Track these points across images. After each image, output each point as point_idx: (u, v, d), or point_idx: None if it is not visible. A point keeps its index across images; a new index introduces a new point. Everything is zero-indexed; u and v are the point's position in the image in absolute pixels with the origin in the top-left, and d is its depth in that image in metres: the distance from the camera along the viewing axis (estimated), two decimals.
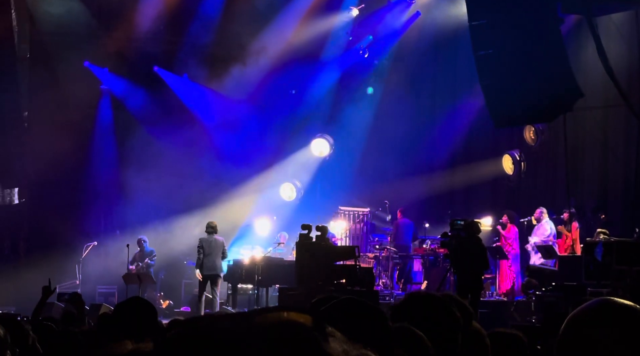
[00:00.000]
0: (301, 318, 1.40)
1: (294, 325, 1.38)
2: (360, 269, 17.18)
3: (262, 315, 1.39)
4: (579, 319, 2.03)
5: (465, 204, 25.30)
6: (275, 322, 1.38)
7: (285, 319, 1.38)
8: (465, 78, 23.49)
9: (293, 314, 1.40)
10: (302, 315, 1.40)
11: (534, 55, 17.02)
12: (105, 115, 26.81)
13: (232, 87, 25.84)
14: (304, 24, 25.43)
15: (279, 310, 1.40)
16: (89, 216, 26.21)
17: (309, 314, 1.41)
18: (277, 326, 1.37)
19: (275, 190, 26.11)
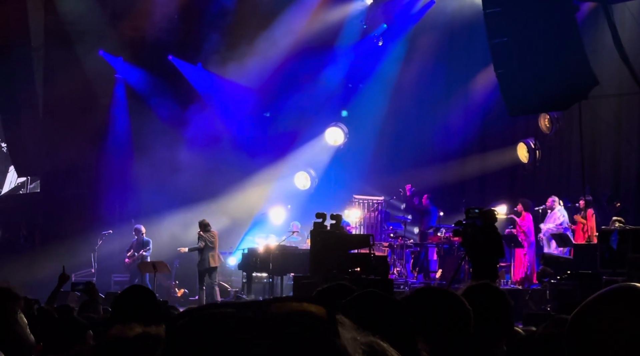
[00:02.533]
0: (314, 308, 1.40)
1: (307, 315, 1.38)
2: (374, 258, 17.14)
3: (276, 304, 1.39)
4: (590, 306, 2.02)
5: (480, 193, 25.24)
6: (289, 312, 1.38)
7: (299, 309, 1.39)
8: (480, 66, 23.43)
9: (306, 304, 1.40)
10: (315, 305, 1.41)
11: (549, 43, 16.95)
12: (119, 104, 26.86)
13: (247, 75, 25.84)
14: (318, 12, 25.40)
15: (293, 300, 1.41)
16: (103, 205, 26.29)
17: (322, 304, 1.41)
18: (291, 316, 1.37)
19: (289, 179, 26.14)
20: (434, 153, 25.56)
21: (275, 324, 1.35)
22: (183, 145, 25.64)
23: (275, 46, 25.41)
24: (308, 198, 25.54)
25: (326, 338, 1.37)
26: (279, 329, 1.35)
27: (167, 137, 25.65)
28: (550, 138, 24.07)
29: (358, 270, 16.87)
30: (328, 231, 17.40)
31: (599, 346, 1.96)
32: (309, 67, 25.74)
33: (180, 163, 25.12)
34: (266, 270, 20.50)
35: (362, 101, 26.05)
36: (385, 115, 25.81)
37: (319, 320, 1.38)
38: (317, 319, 1.38)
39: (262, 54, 25.42)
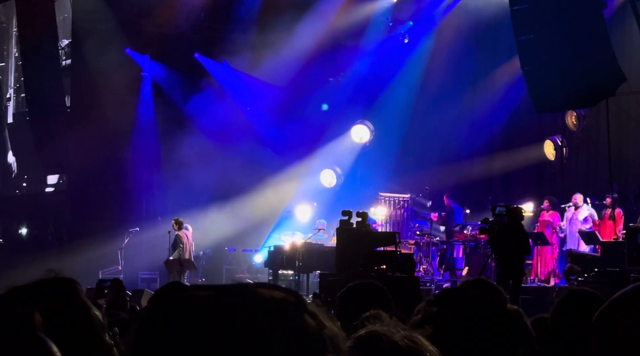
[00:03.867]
0: (284, 295, 1.45)
1: (277, 301, 1.43)
2: (400, 255, 17.14)
3: (250, 290, 1.44)
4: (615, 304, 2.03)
5: (506, 190, 25.18)
6: (261, 297, 1.42)
7: (270, 295, 1.43)
8: (506, 63, 23.36)
9: (276, 291, 1.45)
10: (285, 292, 1.46)
11: (576, 40, 16.89)
12: (146, 102, 26.96)
13: (273, 73, 25.87)
14: (344, 9, 25.39)
15: (265, 286, 1.46)
16: (130, 202, 26.39)
17: (290, 292, 1.46)
18: (263, 301, 1.42)
19: (315, 176, 26.15)
20: (460, 150, 25.50)
21: (247, 309, 1.39)
22: (209, 142, 25.70)
23: (302, 43, 25.41)
24: (334, 196, 25.53)
25: (294, 324, 1.41)
26: (250, 314, 1.39)
27: (193, 135, 25.72)
28: (577, 135, 23.97)
29: (384, 268, 16.87)
30: (354, 228, 17.41)
31: (623, 344, 1.96)
32: (335, 65, 25.75)
33: (207, 160, 25.17)
34: (292, 268, 20.54)
35: (388, 98, 26.02)
36: (411, 112, 25.77)
37: (289, 305, 1.43)
38: (286, 304, 1.43)
39: (289, 51, 25.43)
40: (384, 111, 25.95)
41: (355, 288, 5.14)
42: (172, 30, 26.45)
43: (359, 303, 3.78)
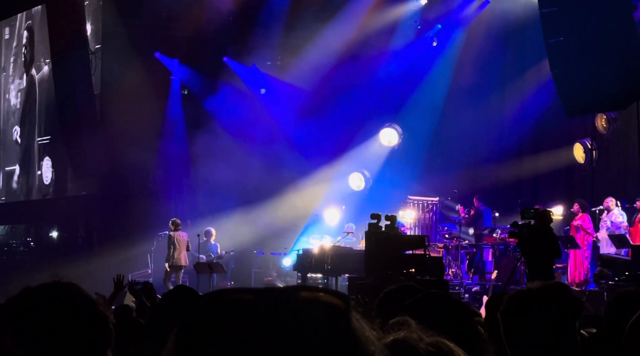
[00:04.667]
0: (330, 299, 1.44)
1: (322, 304, 1.42)
2: (429, 259, 17.09)
3: (293, 293, 1.44)
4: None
5: (535, 193, 25.06)
6: (305, 300, 1.42)
7: (314, 298, 1.42)
8: (535, 66, 23.26)
9: (322, 294, 1.45)
10: (331, 296, 1.45)
11: (606, 43, 16.80)
12: (175, 105, 27.08)
13: (301, 77, 25.90)
14: (372, 13, 25.38)
15: (310, 289, 1.45)
16: (160, 206, 26.47)
17: (337, 295, 1.45)
18: (307, 305, 1.41)
19: (344, 180, 26.14)
20: (489, 153, 25.40)
21: (291, 312, 1.39)
22: (238, 146, 25.77)
23: (330, 47, 25.42)
24: (362, 199, 25.52)
25: (341, 327, 1.40)
26: (294, 317, 1.39)
27: (222, 139, 25.79)
28: (607, 138, 23.81)
29: (413, 271, 16.83)
30: (383, 232, 17.40)
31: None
32: (363, 68, 25.73)
33: (236, 164, 25.24)
34: (321, 271, 20.52)
35: (416, 101, 25.97)
36: (439, 115, 25.72)
37: (335, 309, 1.42)
38: (332, 308, 1.42)
39: (317, 54, 25.46)
40: (413, 114, 25.90)
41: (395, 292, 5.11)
42: (201, 34, 26.56)
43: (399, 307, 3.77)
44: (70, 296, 2.42)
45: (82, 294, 2.46)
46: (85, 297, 2.44)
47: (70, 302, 2.40)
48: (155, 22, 26.68)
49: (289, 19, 25.94)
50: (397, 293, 4.96)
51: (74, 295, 2.43)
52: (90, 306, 2.42)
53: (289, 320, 1.38)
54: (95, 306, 2.41)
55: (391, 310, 4.43)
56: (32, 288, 2.47)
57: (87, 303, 2.41)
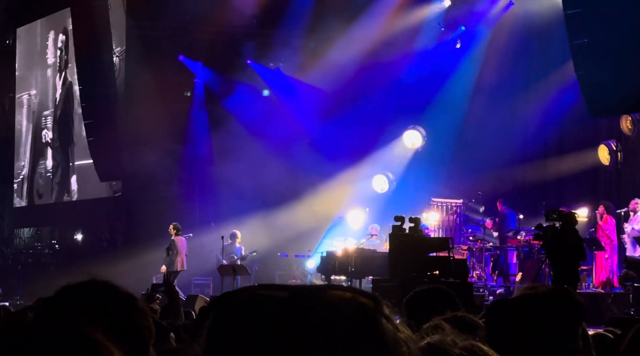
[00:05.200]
0: (362, 299, 1.45)
1: (355, 304, 1.42)
2: (453, 261, 17.07)
3: (326, 292, 1.44)
4: None
5: (560, 195, 24.93)
6: (338, 300, 1.42)
7: (347, 297, 1.43)
8: (560, 67, 23.17)
9: (355, 294, 1.45)
10: (364, 296, 1.45)
11: (631, 44, 16.71)
12: (199, 108, 27.16)
13: (324, 79, 25.91)
14: (396, 15, 25.36)
15: (343, 289, 1.46)
16: (183, 208, 26.55)
17: (369, 296, 1.46)
18: (340, 304, 1.42)
19: (367, 182, 26.13)
20: (513, 155, 25.31)
21: (323, 311, 1.40)
22: (261, 148, 25.81)
23: (353, 49, 25.42)
24: (386, 201, 25.49)
25: (371, 327, 1.41)
26: (326, 315, 1.39)
27: (245, 141, 25.85)
28: (632, 140, 23.67)
29: (437, 273, 16.81)
30: (407, 234, 17.37)
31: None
32: (386, 70, 25.70)
33: (259, 167, 25.29)
34: (345, 273, 20.51)
35: (440, 103, 25.91)
36: (463, 117, 25.65)
37: (365, 310, 1.42)
38: (363, 308, 1.43)
39: (340, 56, 25.45)
40: (436, 116, 25.84)
41: (423, 294, 5.10)
42: (224, 37, 26.64)
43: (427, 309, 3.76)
44: (110, 292, 2.43)
45: (121, 290, 2.48)
46: (124, 293, 2.46)
47: (111, 298, 2.41)
48: (179, 26, 26.78)
49: (311, 21, 25.96)
50: (425, 295, 4.96)
51: (114, 291, 2.45)
52: (130, 301, 2.43)
53: (321, 319, 1.38)
54: (135, 302, 2.42)
55: (419, 312, 4.43)
56: (71, 286, 2.48)
57: (128, 299, 2.43)
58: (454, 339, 1.46)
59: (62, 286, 2.50)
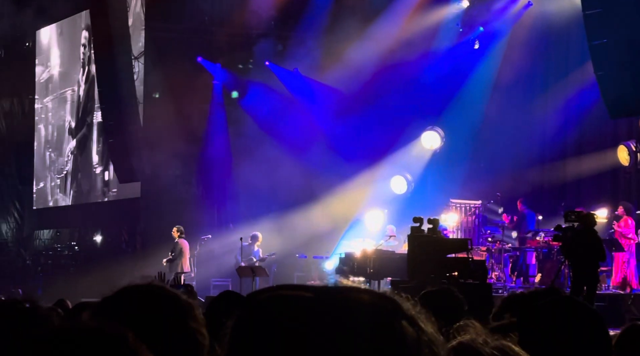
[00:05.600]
0: (385, 301, 1.45)
1: (376, 306, 1.43)
2: (472, 262, 17.05)
3: (349, 293, 1.45)
4: None
5: (579, 196, 24.85)
6: (361, 301, 1.43)
7: (371, 299, 1.44)
8: (579, 68, 23.10)
9: (378, 296, 1.46)
10: (387, 297, 1.46)
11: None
12: (217, 110, 27.21)
13: (343, 80, 25.90)
14: (414, 16, 25.34)
15: (366, 291, 1.46)
16: (202, 210, 26.62)
17: (392, 298, 1.46)
18: (363, 305, 1.42)
19: (386, 183, 26.11)
20: (532, 156, 25.26)
21: (347, 312, 1.40)
22: (279, 150, 25.83)
23: (371, 50, 25.41)
24: (404, 202, 25.45)
25: (393, 330, 1.42)
26: (348, 318, 1.40)
27: (264, 142, 25.89)
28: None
29: (456, 274, 16.79)
30: (425, 235, 17.36)
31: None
32: (405, 71, 25.67)
33: (277, 168, 25.31)
34: (363, 275, 20.50)
35: (458, 104, 25.87)
36: (481, 118, 25.59)
37: (387, 312, 1.43)
38: (385, 311, 1.43)
39: (358, 57, 25.44)
40: (455, 117, 25.81)
41: (430, 295, 5.12)
42: (243, 38, 26.68)
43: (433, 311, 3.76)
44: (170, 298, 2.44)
45: (182, 298, 2.49)
46: (184, 301, 2.47)
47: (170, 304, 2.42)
48: (197, 27, 26.84)
49: (329, 22, 25.96)
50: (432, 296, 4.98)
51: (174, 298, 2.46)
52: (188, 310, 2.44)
53: (344, 320, 1.39)
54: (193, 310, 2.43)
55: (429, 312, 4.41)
56: (130, 288, 2.49)
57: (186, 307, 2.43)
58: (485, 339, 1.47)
59: (122, 287, 2.51)
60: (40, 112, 33.37)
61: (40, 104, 33.30)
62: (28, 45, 33.87)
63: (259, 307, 1.46)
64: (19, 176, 33.91)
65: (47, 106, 32.95)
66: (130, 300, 2.41)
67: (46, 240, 33.23)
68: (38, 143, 33.50)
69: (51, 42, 32.60)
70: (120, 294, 2.43)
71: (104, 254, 28.30)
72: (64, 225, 32.62)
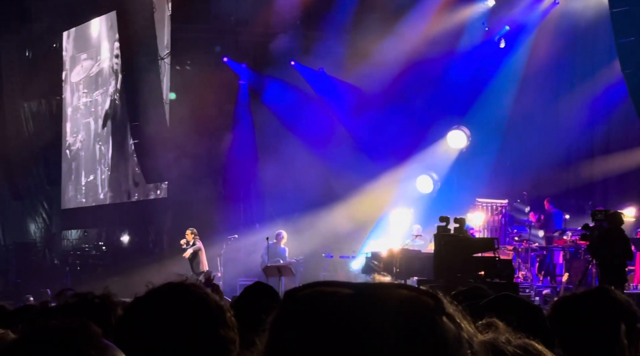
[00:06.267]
0: (425, 298, 1.46)
1: (419, 302, 1.44)
2: (499, 261, 17.00)
3: (390, 290, 1.45)
4: None
5: (606, 195, 24.73)
6: (401, 298, 1.43)
7: (411, 296, 1.44)
8: (606, 66, 22.98)
9: (418, 293, 1.46)
10: (427, 295, 1.46)
11: None
12: (243, 110, 27.25)
13: (368, 80, 25.89)
14: (439, 15, 25.29)
15: (406, 288, 1.46)
16: (229, 209, 26.68)
17: (431, 295, 1.46)
18: (403, 302, 1.43)
19: (412, 182, 26.06)
20: (558, 155, 25.13)
21: (386, 309, 1.41)
22: (306, 149, 25.85)
23: (397, 49, 25.37)
24: (430, 202, 25.41)
25: (433, 326, 1.42)
26: (389, 315, 1.40)
27: (290, 142, 25.91)
28: None
29: (482, 274, 16.75)
30: (452, 234, 17.32)
31: None
32: (430, 70, 25.62)
33: (303, 167, 25.32)
34: (390, 274, 20.49)
35: (484, 103, 25.79)
36: (508, 117, 25.51)
37: (428, 308, 1.44)
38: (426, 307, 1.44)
39: (384, 57, 25.41)
40: (481, 116, 25.73)
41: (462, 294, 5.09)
42: (268, 38, 26.71)
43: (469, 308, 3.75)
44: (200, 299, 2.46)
45: (212, 298, 2.50)
46: (214, 302, 2.49)
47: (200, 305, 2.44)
48: (223, 28, 26.91)
49: (355, 22, 25.96)
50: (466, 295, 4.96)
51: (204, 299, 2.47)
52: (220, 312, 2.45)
53: (383, 316, 1.39)
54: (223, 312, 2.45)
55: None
56: (172, 284, 2.51)
57: (218, 309, 2.45)
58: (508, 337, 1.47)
59: (160, 285, 2.53)
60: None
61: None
62: (55, 46, 34.06)
63: (299, 303, 1.48)
64: (47, 177, 34.12)
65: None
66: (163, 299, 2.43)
67: (74, 240, 33.41)
68: (66, 143, 33.66)
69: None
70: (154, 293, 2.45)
71: (131, 254, 28.44)
72: (91, 225, 32.78)
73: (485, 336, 1.97)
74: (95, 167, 32.10)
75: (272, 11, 26.18)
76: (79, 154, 33.15)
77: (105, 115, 31.64)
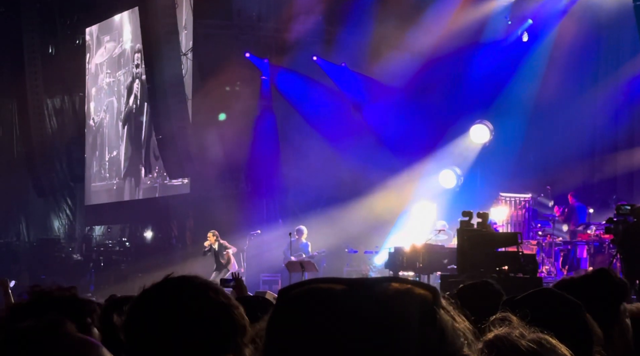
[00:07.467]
0: (420, 291, 1.45)
1: (412, 296, 1.43)
2: (523, 256, 16.94)
3: (383, 284, 1.45)
4: None
5: (630, 189, 24.60)
6: (395, 292, 1.43)
7: (404, 290, 1.43)
8: (630, 60, 22.85)
9: (412, 286, 1.46)
10: (421, 288, 1.46)
11: None
12: (265, 105, 27.28)
13: (391, 74, 25.84)
14: (462, 9, 25.20)
15: (399, 281, 1.46)
16: (252, 205, 26.72)
17: (427, 288, 1.46)
18: (397, 296, 1.42)
19: (434, 177, 26.01)
20: (582, 149, 25.01)
21: (381, 303, 1.40)
22: (328, 145, 25.85)
23: (419, 43, 25.33)
24: (454, 196, 25.36)
25: (429, 319, 1.41)
26: (385, 308, 1.40)
27: (312, 138, 25.91)
28: None
29: (506, 268, 16.70)
30: (475, 229, 17.27)
31: None
32: (453, 64, 25.55)
33: (326, 162, 25.32)
34: (413, 269, 20.47)
35: (507, 97, 25.69)
36: (531, 111, 25.40)
37: (423, 302, 1.43)
38: (421, 300, 1.43)
39: (407, 52, 25.38)
40: (504, 110, 25.63)
41: (467, 289, 5.09)
42: (290, 34, 26.71)
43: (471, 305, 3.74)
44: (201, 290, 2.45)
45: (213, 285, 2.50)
46: (216, 287, 2.48)
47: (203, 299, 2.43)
48: (245, 23, 26.94)
49: (378, 17, 25.91)
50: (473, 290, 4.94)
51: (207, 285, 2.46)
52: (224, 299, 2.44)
53: (378, 310, 1.39)
54: (230, 307, 2.43)
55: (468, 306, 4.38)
56: (172, 279, 2.51)
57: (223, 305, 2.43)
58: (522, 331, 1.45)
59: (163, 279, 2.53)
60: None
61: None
62: (78, 42, 34.19)
63: (293, 301, 1.47)
64: (70, 173, 34.27)
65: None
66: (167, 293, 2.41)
67: (97, 236, 33.57)
68: (89, 139, 33.79)
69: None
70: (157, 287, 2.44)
71: (155, 250, 28.52)
72: (114, 221, 32.92)
73: (499, 330, 1.95)
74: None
75: (294, 6, 26.18)
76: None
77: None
